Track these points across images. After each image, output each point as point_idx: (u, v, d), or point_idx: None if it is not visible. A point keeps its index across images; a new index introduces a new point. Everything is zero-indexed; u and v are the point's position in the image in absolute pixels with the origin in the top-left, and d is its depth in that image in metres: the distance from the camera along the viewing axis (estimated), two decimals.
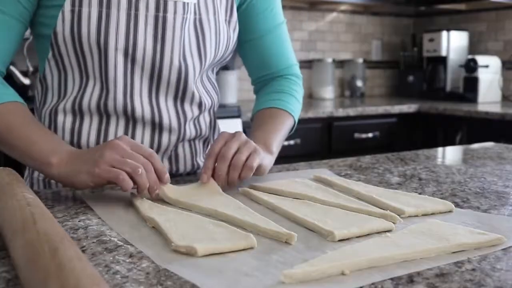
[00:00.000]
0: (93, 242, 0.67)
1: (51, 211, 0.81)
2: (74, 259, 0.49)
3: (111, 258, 0.62)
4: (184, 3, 1.01)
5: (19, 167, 2.06)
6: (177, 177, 1.07)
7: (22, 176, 0.87)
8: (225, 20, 1.08)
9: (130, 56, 0.99)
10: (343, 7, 3.71)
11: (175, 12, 1.00)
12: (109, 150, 0.82)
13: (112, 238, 0.69)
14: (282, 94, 1.15)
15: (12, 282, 0.55)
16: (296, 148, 2.73)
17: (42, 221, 0.61)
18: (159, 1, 0.99)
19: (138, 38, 0.98)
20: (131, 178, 0.81)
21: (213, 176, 0.91)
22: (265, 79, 1.21)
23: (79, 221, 0.76)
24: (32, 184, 1.09)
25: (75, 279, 0.45)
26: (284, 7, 3.72)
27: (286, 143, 2.67)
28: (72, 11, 0.95)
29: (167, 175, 0.86)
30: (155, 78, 1.02)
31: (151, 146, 1.05)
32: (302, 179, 0.99)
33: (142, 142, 1.04)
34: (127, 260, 0.61)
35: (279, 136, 1.08)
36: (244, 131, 2.59)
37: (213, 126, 1.20)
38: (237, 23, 1.11)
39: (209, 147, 0.92)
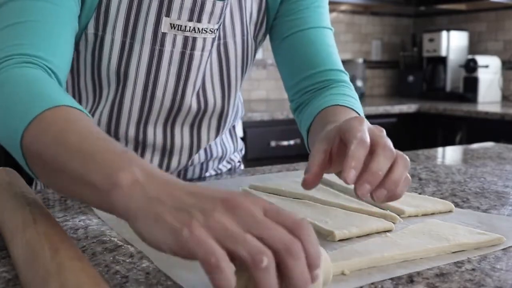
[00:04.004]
0: (93, 242, 0.67)
1: (51, 211, 0.81)
2: (74, 259, 0.49)
3: (111, 258, 0.62)
4: (212, 38, 0.93)
5: (19, 167, 2.06)
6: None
7: (22, 176, 0.87)
8: (254, 36, 1.00)
9: (149, 91, 0.93)
10: (343, 7, 3.70)
11: (203, 49, 0.92)
12: (223, 209, 0.45)
13: (112, 238, 0.69)
14: (345, 96, 0.92)
15: (12, 282, 0.55)
16: (296, 148, 2.73)
17: (42, 221, 0.61)
18: (188, 38, 0.90)
19: (159, 76, 0.92)
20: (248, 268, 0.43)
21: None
22: (310, 84, 0.97)
23: (79, 221, 0.76)
24: (36, 184, 1.08)
25: (75, 279, 0.45)
26: None
27: (285, 143, 2.67)
28: (96, 35, 0.88)
29: (318, 270, 0.45)
30: (173, 113, 0.96)
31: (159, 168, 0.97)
32: (302, 179, 0.98)
33: None
34: (127, 260, 0.61)
35: None
36: (244, 132, 2.59)
37: (235, 140, 1.15)
38: (264, 35, 1.03)
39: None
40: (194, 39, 0.91)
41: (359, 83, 3.70)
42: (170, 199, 0.46)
